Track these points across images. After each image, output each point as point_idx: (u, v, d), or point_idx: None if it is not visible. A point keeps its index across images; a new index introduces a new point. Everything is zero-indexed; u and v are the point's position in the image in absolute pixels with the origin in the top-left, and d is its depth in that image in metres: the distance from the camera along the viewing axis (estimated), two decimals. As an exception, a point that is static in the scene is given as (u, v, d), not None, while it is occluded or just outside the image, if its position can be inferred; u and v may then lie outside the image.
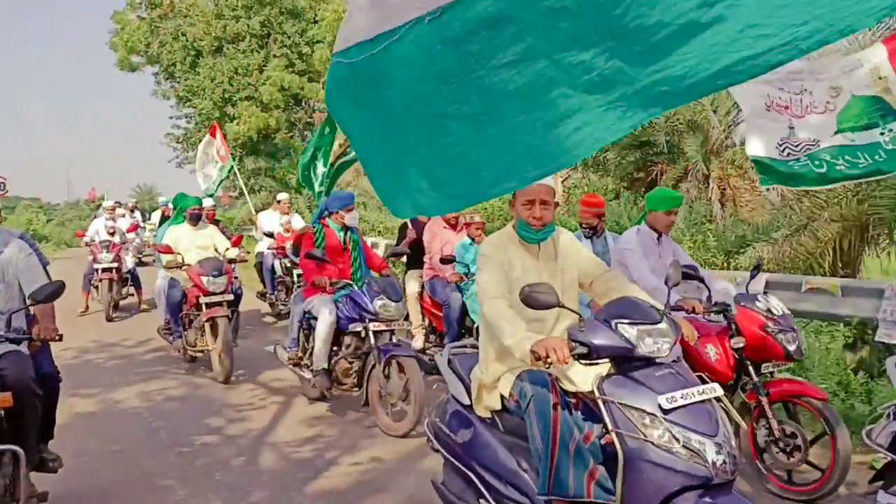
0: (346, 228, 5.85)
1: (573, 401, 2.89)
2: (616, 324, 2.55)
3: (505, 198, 12.77)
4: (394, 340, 5.36)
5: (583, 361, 2.58)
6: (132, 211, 19.16)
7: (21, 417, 3.34)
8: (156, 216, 18.40)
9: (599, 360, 2.58)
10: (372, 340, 5.23)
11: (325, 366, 5.45)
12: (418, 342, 7.05)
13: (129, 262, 11.18)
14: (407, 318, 6.55)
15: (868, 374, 5.69)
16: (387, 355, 5.10)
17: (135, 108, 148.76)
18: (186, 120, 28.24)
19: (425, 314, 7.15)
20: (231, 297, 6.99)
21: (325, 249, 5.67)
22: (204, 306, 6.79)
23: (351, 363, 5.47)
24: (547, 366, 2.53)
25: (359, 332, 5.38)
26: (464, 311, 6.41)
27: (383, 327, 5.28)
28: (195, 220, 7.35)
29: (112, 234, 11.10)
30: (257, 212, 22.31)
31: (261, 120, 24.28)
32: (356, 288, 5.56)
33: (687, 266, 4.23)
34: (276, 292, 10.23)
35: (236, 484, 4.36)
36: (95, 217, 18.54)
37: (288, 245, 9.61)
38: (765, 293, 4.48)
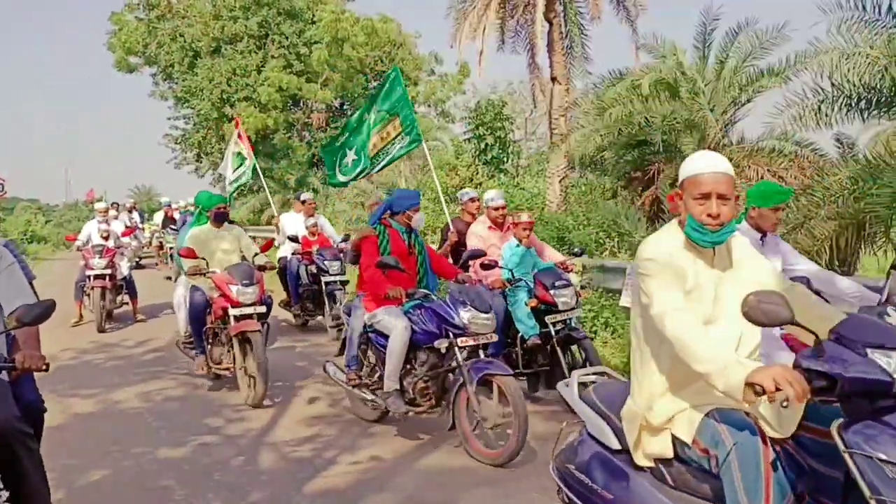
0: (410, 231, 5.27)
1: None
2: (868, 350, 1.96)
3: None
4: (483, 356, 4.74)
5: (819, 398, 1.99)
6: (130, 211, 18.92)
7: (17, 466, 2.71)
8: (158, 217, 18.21)
9: (832, 398, 1.99)
10: (459, 358, 4.62)
11: (398, 386, 4.86)
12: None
13: (123, 268, 10.43)
14: None
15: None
16: (480, 374, 4.50)
17: (133, 110, 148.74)
18: (185, 121, 28.29)
19: None
20: (263, 308, 6.20)
21: (391, 255, 5.05)
22: (232, 319, 6.08)
23: (427, 382, 4.87)
24: (784, 404, 1.91)
25: (436, 348, 4.77)
26: (508, 320, 5.83)
27: (471, 342, 4.67)
28: (220, 220, 6.60)
29: (106, 238, 10.37)
30: (255, 213, 21.99)
31: (259, 120, 24.31)
32: (435, 298, 5.01)
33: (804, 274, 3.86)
34: (300, 301, 9.42)
35: (236, 484, 4.37)
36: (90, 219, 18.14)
37: (314, 249, 9.06)
38: None
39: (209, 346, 6.45)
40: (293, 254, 9.36)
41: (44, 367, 2.78)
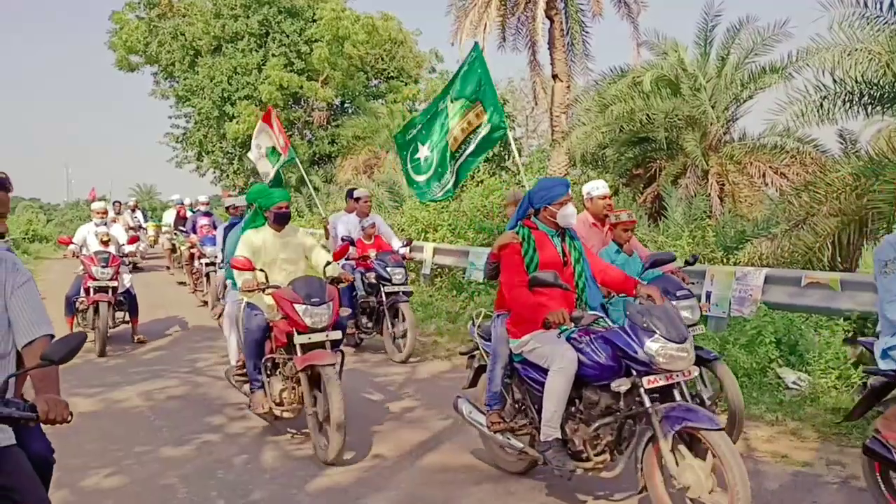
0: (561, 232, 4.03)
1: None
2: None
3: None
4: (680, 400, 3.54)
5: None
6: (133, 210, 18.16)
7: None
8: (168, 216, 16.89)
9: None
10: (647, 401, 3.49)
11: (559, 434, 3.74)
12: None
13: (125, 280, 8.79)
14: None
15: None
16: (678, 426, 3.36)
17: (134, 108, 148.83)
18: (185, 119, 28.28)
19: None
20: (338, 334, 4.96)
21: (539, 266, 3.87)
22: (299, 348, 4.80)
23: (598, 430, 3.68)
24: None
25: (611, 387, 3.60)
26: None
27: (662, 382, 3.51)
28: (282, 222, 5.25)
29: (105, 244, 8.75)
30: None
31: (260, 119, 24.29)
32: (610, 322, 3.85)
33: None
34: (355, 316, 7.90)
35: (238, 482, 4.38)
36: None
37: (372, 254, 7.88)
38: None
39: (269, 380, 5.13)
40: (347, 260, 7.73)
41: (69, 419, 2.28)
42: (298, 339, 4.77)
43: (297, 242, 5.36)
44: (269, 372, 5.15)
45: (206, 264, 11.06)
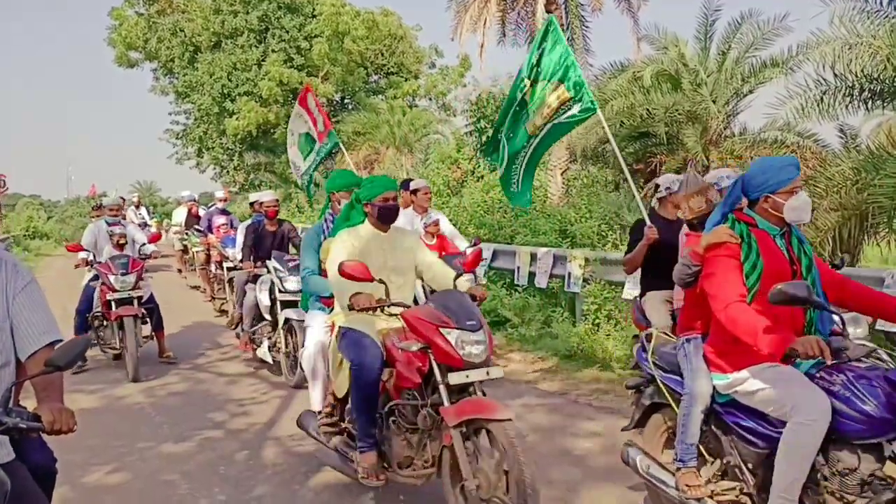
0: (785, 229, 3.05)
1: None
2: None
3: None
4: None
5: None
6: (137, 207, 17.25)
7: None
8: (179, 214, 15.22)
9: None
10: None
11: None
12: None
13: (145, 288, 7.35)
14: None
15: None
16: None
17: (134, 105, 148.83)
18: (185, 116, 28.28)
19: None
20: (499, 372, 3.54)
21: (764, 277, 2.92)
22: (444, 391, 3.36)
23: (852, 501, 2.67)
24: None
25: (881, 448, 2.66)
26: None
27: None
28: (390, 219, 3.94)
29: (121, 246, 7.37)
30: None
31: (260, 115, 24.30)
32: (886, 357, 2.88)
33: None
34: None
35: (240, 478, 4.39)
36: (92, 219, 13.58)
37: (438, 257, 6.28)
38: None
39: (389, 437, 3.70)
40: None
41: (75, 428, 2.15)
42: (453, 379, 3.34)
43: (407, 246, 4.00)
44: (383, 426, 3.71)
45: (229, 269, 9.31)
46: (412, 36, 27.86)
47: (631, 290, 7.21)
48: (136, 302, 7.02)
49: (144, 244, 7.66)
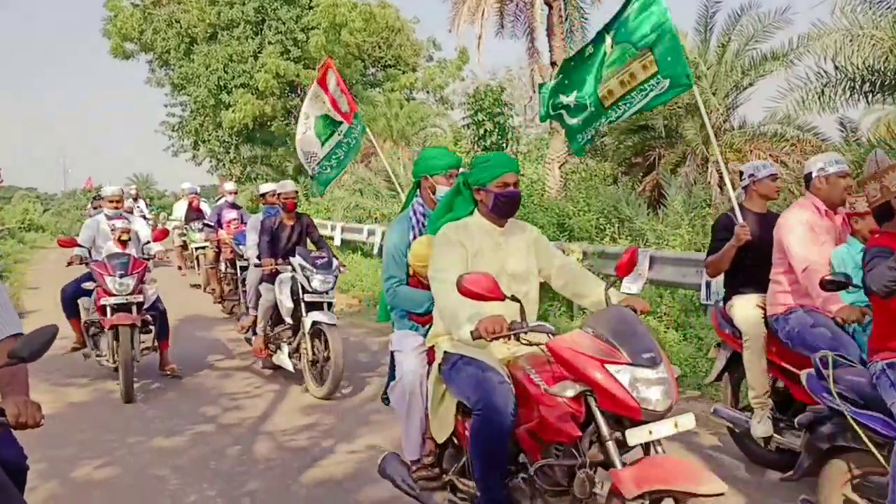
0: None
1: None
2: None
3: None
4: None
5: None
6: (135, 200, 16.11)
7: None
8: (179, 207, 14.28)
9: None
10: None
11: None
12: (762, 425, 3.92)
13: (150, 291, 6.40)
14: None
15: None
16: None
17: (130, 97, 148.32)
18: (181, 108, 28.10)
19: (771, 372, 3.98)
20: (691, 421, 2.55)
21: None
22: (614, 450, 2.46)
23: None
24: None
25: None
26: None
27: None
28: (510, 210, 3.02)
29: (124, 243, 6.38)
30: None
31: (256, 107, 24.13)
32: None
33: None
34: None
35: (231, 473, 4.31)
36: (89, 213, 13.36)
37: None
38: None
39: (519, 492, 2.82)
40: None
41: (42, 422, 2.09)
42: (633, 438, 2.41)
43: (528, 244, 3.09)
44: (517, 485, 2.81)
45: (242, 267, 8.49)
46: (410, 28, 27.68)
47: (630, 284, 7.12)
48: (134, 308, 6.01)
49: (149, 242, 6.68)
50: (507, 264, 2.97)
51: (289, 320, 6.22)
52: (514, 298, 2.64)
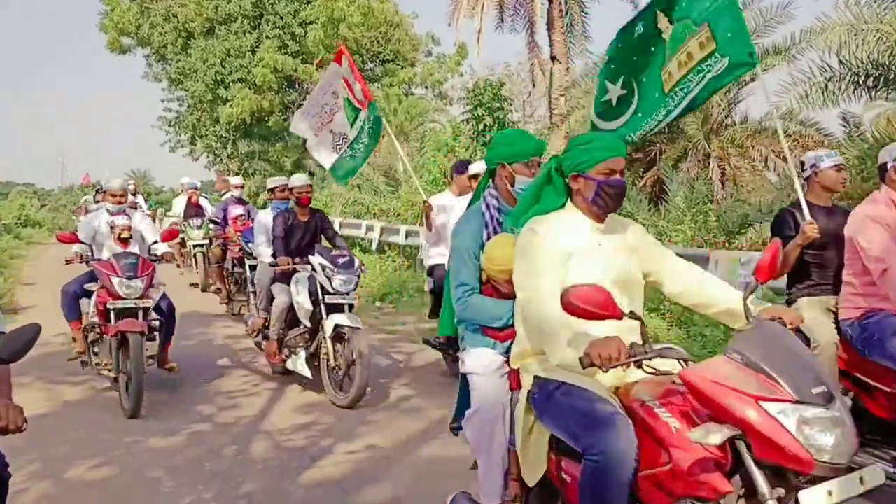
0: None
1: None
2: None
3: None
4: None
5: None
6: (133, 195, 15.05)
7: None
8: (178, 203, 13.73)
9: None
10: None
11: None
12: None
13: (156, 295, 5.78)
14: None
15: None
16: None
17: (130, 95, 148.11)
18: (178, 103, 27.96)
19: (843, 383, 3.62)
20: (876, 478, 1.98)
21: None
22: (770, 498, 1.93)
23: None
24: None
25: None
26: None
27: None
28: (615, 202, 2.54)
29: (125, 242, 5.84)
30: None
31: (254, 102, 24.00)
32: None
33: None
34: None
35: (228, 474, 4.22)
36: (87, 208, 13.85)
37: None
38: None
39: None
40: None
41: (24, 427, 1.98)
42: (807, 499, 1.88)
43: (632, 244, 2.59)
44: None
45: (252, 267, 8.03)
46: (408, 23, 27.54)
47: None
48: (142, 314, 5.47)
49: (156, 242, 6.06)
50: (610, 270, 2.43)
51: (307, 323, 5.76)
52: (632, 315, 2.16)
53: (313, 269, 5.63)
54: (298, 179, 6.18)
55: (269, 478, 4.15)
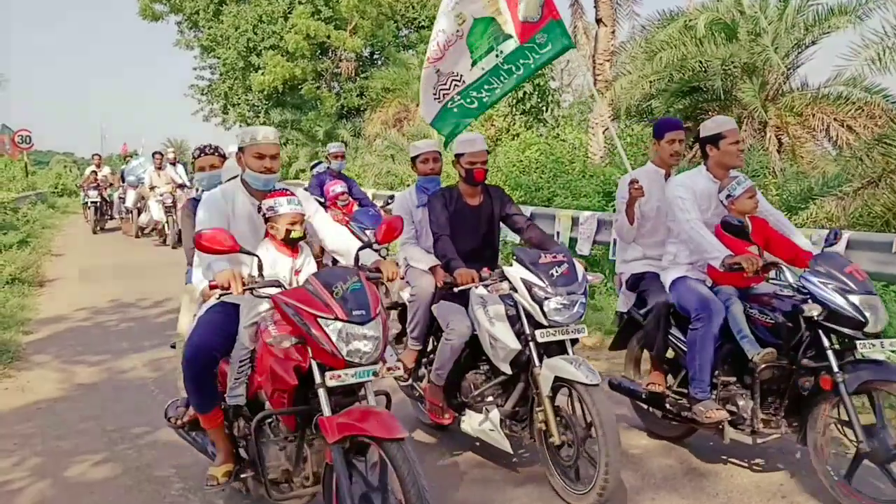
0: None
1: None
2: None
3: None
4: None
5: None
6: (174, 164, 14.53)
7: None
8: (229, 171, 12.17)
9: None
10: None
11: None
12: None
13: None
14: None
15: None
16: None
17: (163, 61, 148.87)
18: (210, 71, 27.66)
19: None
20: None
21: None
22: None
23: None
24: None
25: None
26: None
27: None
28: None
29: (293, 243, 3.08)
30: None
31: (286, 70, 23.55)
32: None
33: None
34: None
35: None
36: (127, 184, 15.08)
37: None
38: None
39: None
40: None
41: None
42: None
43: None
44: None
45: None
46: (444, -13, 26.76)
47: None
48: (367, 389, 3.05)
49: (368, 244, 3.27)
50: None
51: (506, 369, 3.68)
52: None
53: (512, 288, 3.61)
54: (474, 144, 4.07)
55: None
